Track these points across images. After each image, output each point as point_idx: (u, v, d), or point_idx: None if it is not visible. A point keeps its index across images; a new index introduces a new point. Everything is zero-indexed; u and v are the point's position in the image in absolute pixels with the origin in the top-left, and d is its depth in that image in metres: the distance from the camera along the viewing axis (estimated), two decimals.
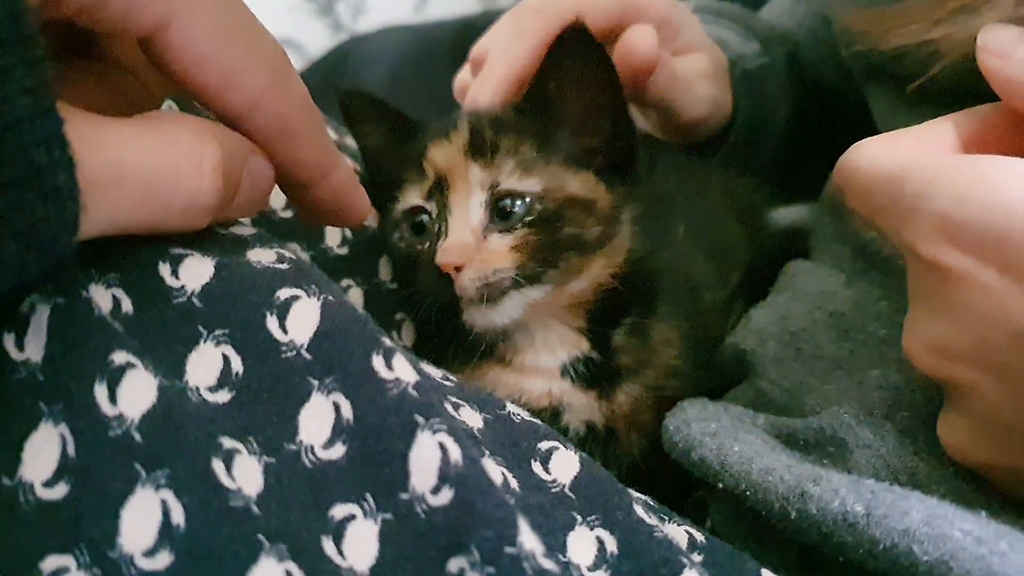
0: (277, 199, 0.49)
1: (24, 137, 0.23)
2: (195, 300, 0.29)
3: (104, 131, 0.26)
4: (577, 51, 0.45)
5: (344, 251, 0.50)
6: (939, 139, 0.35)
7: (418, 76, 1.48)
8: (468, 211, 0.45)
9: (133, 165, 0.27)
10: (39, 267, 0.25)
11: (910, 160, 0.33)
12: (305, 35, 1.62)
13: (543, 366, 0.47)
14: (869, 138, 0.36)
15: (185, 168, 0.28)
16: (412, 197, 0.47)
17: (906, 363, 0.35)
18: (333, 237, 0.50)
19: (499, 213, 0.45)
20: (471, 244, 0.44)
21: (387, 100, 0.53)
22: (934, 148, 0.34)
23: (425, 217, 0.47)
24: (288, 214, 0.49)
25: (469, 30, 1.36)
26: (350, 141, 0.57)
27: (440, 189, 0.46)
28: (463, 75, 0.59)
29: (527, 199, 0.44)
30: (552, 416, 0.46)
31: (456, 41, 1.33)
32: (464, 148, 0.46)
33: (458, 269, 0.43)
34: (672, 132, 0.59)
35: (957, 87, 0.44)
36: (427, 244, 0.46)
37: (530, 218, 0.44)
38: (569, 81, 0.45)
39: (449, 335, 0.46)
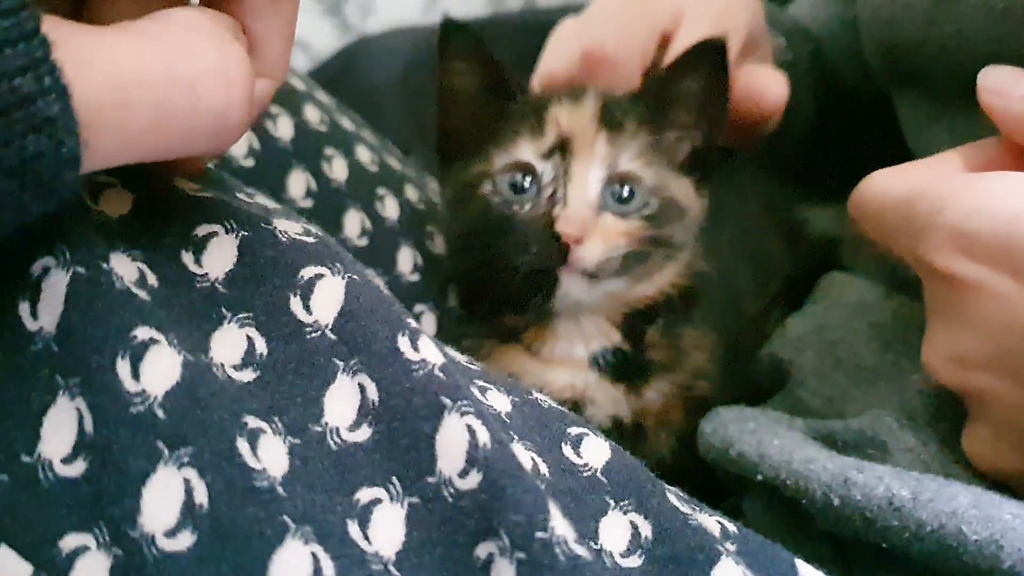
0: (297, 187, 0.48)
1: (6, 65, 0.20)
2: (218, 286, 0.29)
3: (102, 46, 0.23)
4: (712, 65, 0.45)
5: (364, 242, 0.50)
6: (947, 168, 0.36)
7: (428, 77, 1.48)
8: (587, 183, 0.43)
9: (140, 83, 0.23)
10: (41, 206, 0.23)
11: (921, 183, 0.35)
12: (313, 35, 1.62)
13: (573, 356, 0.46)
14: (879, 171, 0.38)
15: (208, 80, 0.24)
16: (522, 152, 0.45)
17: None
18: (352, 228, 0.50)
19: (612, 195, 0.44)
20: (589, 218, 0.42)
21: (397, 100, 0.52)
22: (943, 174, 0.36)
23: (521, 176, 0.44)
24: (308, 203, 0.48)
25: (479, 33, 1.35)
26: (321, 96, 0.55)
27: (562, 152, 0.44)
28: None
29: (643, 189, 0.44)
30: (573, 410, 0.45)
31: None
32: (595, 116, 0.45)
33: (577, 242, 0.41)
34: (737, 142, 0.59)
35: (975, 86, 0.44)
36: (529, 206, 0.44)
37: (647, 211, 0.44)
38: (694, 90, 0.46)
39: (502, 308, 0.45)
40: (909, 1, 0.47)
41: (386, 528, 0.27)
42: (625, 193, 0.44)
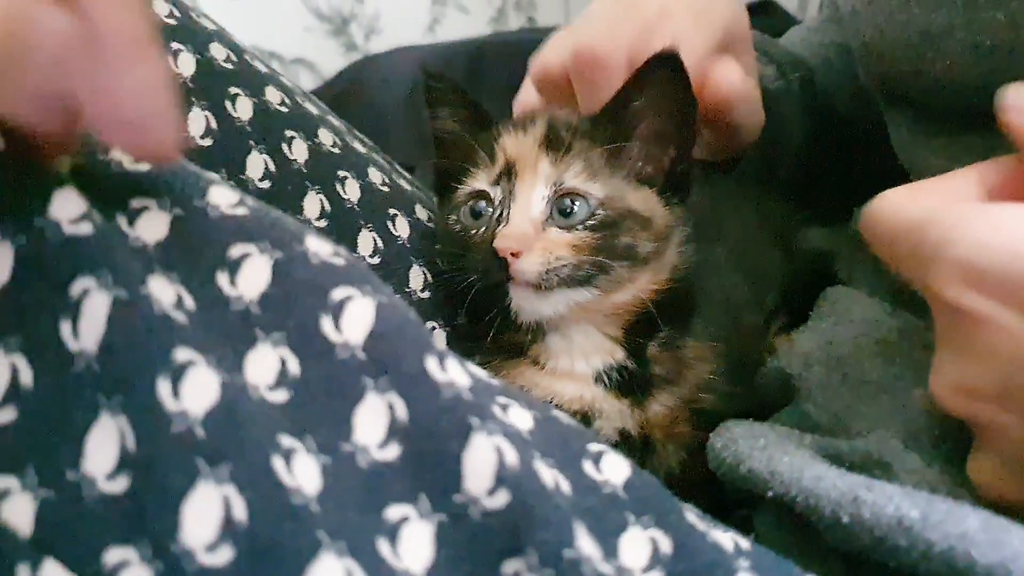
0: (312, 208, 0.49)
1: None
2: (252, 307, 0.29)
3: None
4: (666, 76, 0.46)
5: (376, 260, 0.51)
6: (961, 189, 0.36)
7: None
8: (531, 201, 0.46)
9: None
10: None
11: (932, 209, 0.35)
12: (319, 55, 1.63)
13: (577, 371, 0.48)
14: (893, 189, 0.37)
15: None
16: (478, 182, 0.49)
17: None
18: (365, 247, 0.51)
19: (560, 210, 0.46)
20: (529, 233, 0.45)
21: (401, 117, 0.54)
22: (956, 198, 0.36)
23: (483, 203, 0.48)
24: (323, 223, 0.49)
25: (481, 51, 1.37)
26: (334, 120, 0.56)
27: (508, 176, 0.47)
28: (526, 96, 0.59)
29: (589, 202, 0.46)
30: (583, 421, 0.47)
31: (469, 62, 1.34)
32: (539, 140, 0.47)
33: (515, 255, 0.44)
34: (718, 151, 0.60)
35: (975, 111, 0.45)
36: (483, 228, 0.47)
37: (591, 221, 0.46)
38: (652, 103, 0.47)
39: (490, 324, 0.47)
40: (897, 37, 0.48)
41: (415, 545, 0.28)
42: (570, 207, 0.46)
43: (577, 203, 0.46)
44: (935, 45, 0.45)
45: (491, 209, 0.47)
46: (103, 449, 0.26)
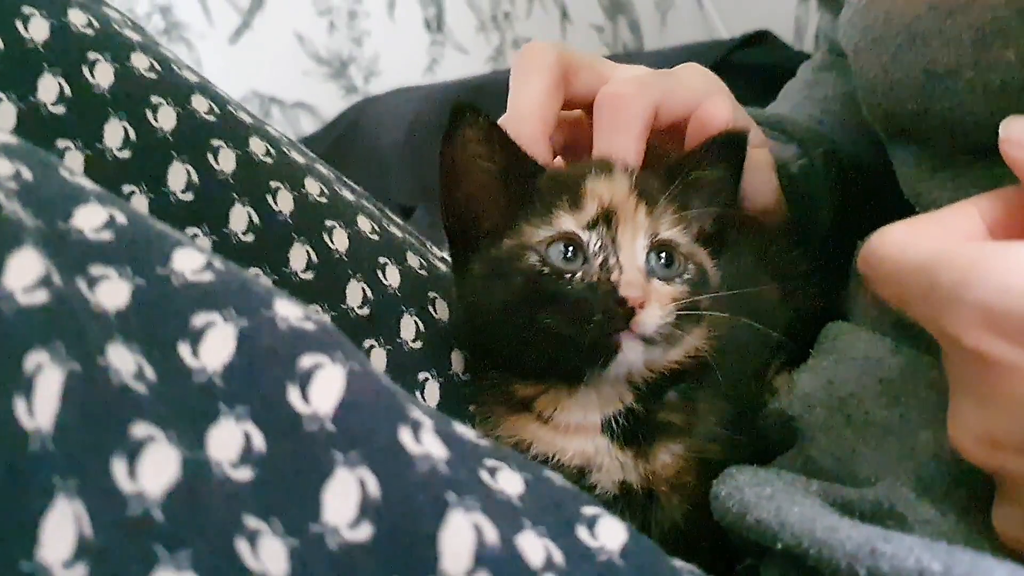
0: (298, 260, 0.48)
1: None
2: (215, 379, 0.28)
3: None
4: (734, 153, 0.49)
5: (366, 311, 0.49)
6: (964, 224, 0.35)
7: (430, 136, 1.50)
8: (635, 251, 0.45)
9: None
10: None
11: (941, 248, 0.33)
12: (319, 98, 1.64)
13: (586, 422, 0.46)
14: (891, 225, 0.36)
15: None
16: (565, 224, 0.46)
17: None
18: (355, 298, 0.50)
19: (657, 262, 0.45)
20: (644, 283, 0.44)
21: (402, 157, 0.53)
22: (962, 234, 0.35)
23: (567, 248, 0.45)
24: (309, 275, 0.48)
25: (480, 91, 1.37)
26: (322, 168, 0.55)
27: (607, 223, 0.45)
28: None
29: (680, 256, 0.46)
30: (578, 475, 0.45)
31: None
32: (632, 188, 0.46)
33: (641, 307, 0.42)
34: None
35: (984, 147, 0.44)
36: (579, 274, 0.44)
37: (687, 275, 0.45)
38: (715, 175, 0.49)
39: (509, 375, 0.46)
40: (902, 76, 0.47)
41: None
42: (668, 260, 0.45)
43: (668, 255, 0.46)
44: (942, 84, 0.44)
45: (580, 255, 0.45)
46: (60, 536, 0.24)
